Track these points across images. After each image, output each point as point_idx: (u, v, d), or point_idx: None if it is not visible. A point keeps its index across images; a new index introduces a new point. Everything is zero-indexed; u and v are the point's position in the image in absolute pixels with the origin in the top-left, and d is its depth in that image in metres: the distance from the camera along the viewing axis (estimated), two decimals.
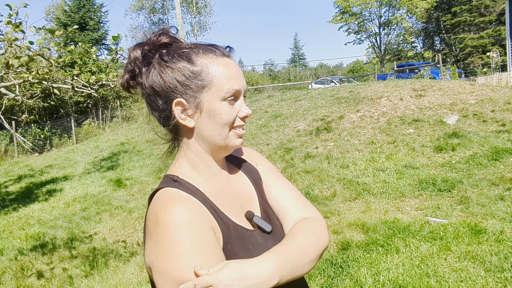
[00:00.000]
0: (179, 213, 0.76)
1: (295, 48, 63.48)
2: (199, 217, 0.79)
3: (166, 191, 0.86)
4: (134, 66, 0.90)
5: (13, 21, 3.30)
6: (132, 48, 0.91)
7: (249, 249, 0.86)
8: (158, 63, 0.88)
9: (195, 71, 0.86)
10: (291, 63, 59.51)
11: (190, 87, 0.86)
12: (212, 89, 0.87)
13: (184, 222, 0.75)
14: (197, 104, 0.87)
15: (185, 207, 0.78)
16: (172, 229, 0.74)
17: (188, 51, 0.88)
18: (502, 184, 5.10)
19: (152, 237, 0.78)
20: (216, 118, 0.88)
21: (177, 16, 17.87)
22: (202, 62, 0.87)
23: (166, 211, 0.77)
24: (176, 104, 0.87)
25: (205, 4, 42.31)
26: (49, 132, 18.61)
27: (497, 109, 8.07)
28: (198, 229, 0.76)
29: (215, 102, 0.87)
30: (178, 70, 0.86)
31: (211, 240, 0.77)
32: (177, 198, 0.82)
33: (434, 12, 31.98)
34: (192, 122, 0.88)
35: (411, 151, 6.93)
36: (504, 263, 3.29)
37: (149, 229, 0.80)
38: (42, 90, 3.73)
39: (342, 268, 3.62)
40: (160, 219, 0.77)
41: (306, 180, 6.51)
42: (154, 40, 0.90)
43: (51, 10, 36.31)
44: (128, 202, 7.02)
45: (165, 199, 0.82)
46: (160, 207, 0.80)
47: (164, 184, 0.89)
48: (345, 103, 10.21)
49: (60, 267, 4.69)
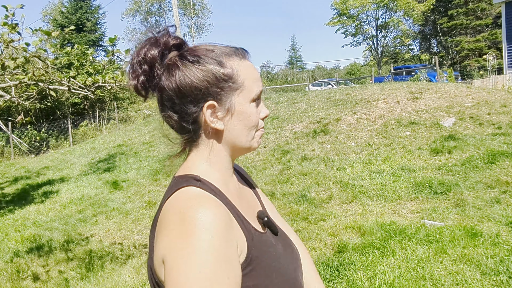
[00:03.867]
0: (208, 214, 0.73)
1: (293, 50, 63.55)
2: (226, 221, 0.75)
3: (190, 190, 0.81)
4: (152, 67, 0.84)
5: (9, 22, 3.29)
6: (145, 46, 0.85)
7: (269, 251, 0.85)
8: (183, 64, 0.84)
9: (226, 74, 0.85)
10: (288, 65, 59.56)
11: (222, 89, 0.84)
12: (244, 91, 0.87)
13: (212, 224, 0.72)
14: (228, 107, 0.86)
15: (214, 209, 0.75)
16: (201, 229, 0.70)
17: (214, 52, 0.86)
18: (498, 187, 5.12)
19: (174, 232, 0.73)
20: (246, 120, 0.88)
21: (174, 18, 17.88)
22: (232, 64, 0.86)
23: (195, 209, 0.73)
24: (208, 107, 0.84)
25: (202, 6, 42.36)
26: (46, 133, 18.56)
27: (494, 112, 8.10)
28: (224, 234, 0.73)
29: (246, 104, 0.87)
30: (209, 71, 0.83)
31: (232, 251, 0.74)
32: (205, 198, 0.78)
33: (431, 15, 32.12)
34: (222, 125, 0.86)
35: (408, 153, 6.94)
36: (500, 266, 3.30)
37: (169, 225, 0.74)
38: (38, 92, 3.72)
39: (338, 271, 3.62)
40: (188, 217, 0.72)
41: (303, 183, 6.52)
42: (165, 40, 0.85)
43: (48, 11, 36.28)
44: (124, 204, 7.00)
45: (191, 197, 0.77)
46: (187, 205, 0.75)
47: (185, 183, 0.83)
48: (342, 105, 10.22)
49: (56, 270, 4.66)
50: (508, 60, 16.19)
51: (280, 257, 0.88)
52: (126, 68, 1.01)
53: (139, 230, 5.72)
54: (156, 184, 7.92)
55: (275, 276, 0.83)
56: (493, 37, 27.42)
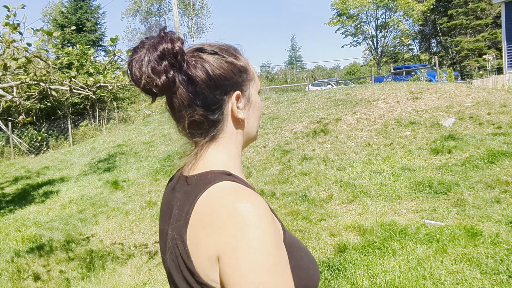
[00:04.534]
0: (255, 207, 0.72)
1: (292, 50, 63.55)
2: (269, 211, 0.76)
3: (227, 184, 0.79)
4: (179, 61, 0.80)
5: (10, 22, 3.29)
6: (170, 40, 0.80)
7: (290, 234, 0.87)
8: (208, 57, 0.84)
9: (243, 66, 0.90)
10: (288, 65, 59.56)
11: (244, 80, 0.90)
12: (255, 83, 0.94)
13: (262, 215, 0.72)
14: (248, 97, 0.91)
15: (257, 201, 0.74)
16: (253, 221, 0.70)
17: (228, 47, 0.91)
18: (498, 186, 5.13)
19: (225, 229, 0.71)
20: (257, 110, 0.95)
21: (174, 18, 17.89)
22: (242, 58, 0.92)
23: (241, 203, 0.72)
24: (236, 96, 0.88)
25: (202, 6, 42.35)
26: (46, 133, 18.55)
27: (493, 112, 8.11)
28: (273, 223, 0.74)
29: (256, 94, 0.94)
30: (231, 63, 0.87)
31: (280, 238, 0.77)
32: (245, 191, 0.77)
33: (431, 15, 32.12)
34: (244, 115, 0.90)
35: (408, 153, 6.95)
36: (500, 265, 3.31)
37: (216, 222, 0.72)
38: (40, 92, 3.73)
39: (339, 270, 3.63)
40: (236, 211, 0.71)
41: (303, 182, 6.52)
42: (173, 37, 0.82)
43: (48, 11, 36.27)
44: (125, 204, 7.00)
45: (232, 192, 0.76)
46: (231, 199, 0.74)
47: (217, 178, 0.80)
48: (342, 105, 10.23)
49: (56, 269, 4.67)
50: (508, 60, 16.20)
51: (298, 239, 0.91)
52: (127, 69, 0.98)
53: (139, 230, 5.73)
54: (157, 184, 7.92)
55: (304, 255, 0.86)
56: (492, 37, 27.44)
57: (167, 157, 9.66)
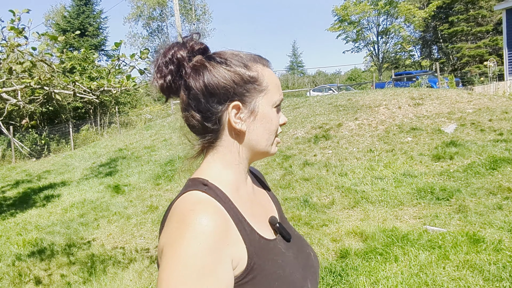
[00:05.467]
0: (204, 221, 0.74)
1: (294, 55, 63.77)
2: (220, 231, 0.76)
3: (196, 194, 0.83)
4: (180, 67, 0.86)
5: (16, 26, 3.31)
6: (174, 47, 0.87)
7: (274, 259, 0.85)
8: (211, 64, 0.86)
9: (253, 76, 0.87)
10: (289, 70, 59.72)
11: (248, 90, 0.87)
12: (268, 94, 0.90)
13: (205, 232, 0.73)
14: (252, 109, 0.88)
15: (211, 216, 0.76)
16: (192, 234, 0.73)
17: (241, 56, 0.89)
18: (500, 193, 5.13)
19: (171, 232, 0.76)
20: (267, 123, 0.90)
21: (176, 24, 17.96)
22: (256, 68, 0.89)
23: (193, 214, 0.75)
24: (233, 107, 0.86)
25: (203, 12, 42.54)
26: (47, 137, 18.58)
27: (495, 118, 8.12)
28: (214, 245, 0.74)
29: (268, 108, 0.90)
30: (235, 72, 0.86)
31: (219, 262, 0.74)
32: (206, 204, 0.80)
33: (432, 21, 32.23)
34: (245, 126, 0.88)
35: (409, 159, 6.95)
36: (503, 272, 3.30)
37: (170, 224, 0.78)
38: (43, 96, 3.75)
39: (341, 276, 3.62)
40: (185, 220, 0.75)
41: (304, 188, 6.52)
42: (192, 44, 0.87)
43: (51, 15, 36.47)
44: (126, 208, 7.00)
45: (194, 202, 0.80)
46: (188, 208, 0.78)
47: (193, 186, 0.85)
48: (343, 111, 10.25)
49: (58, 274, 4.67)
50: (509, 66, 16.23)
51: (287, 265, 0.87)
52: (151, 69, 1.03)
53: (141, 235, 5.72)
54: (158, 189, 7.92)
55: (278, 285, 0.82)
56: (493, 44, 27.50)
57: (169, 161, 9.66)
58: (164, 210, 6.51)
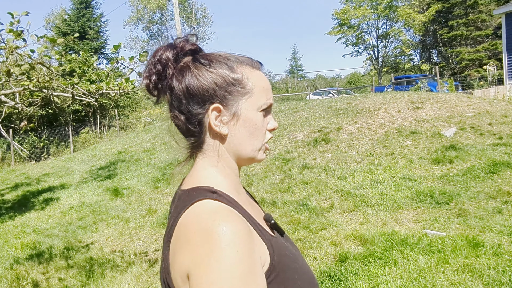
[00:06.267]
0: (231, 229, 0.71)
1: (293, 59, 63.87)
2: (248, 234, 0.75)
3: (209, 204, 0.79)
4: (165, 67, 0.87)
5: (14, 29, 3.31)
6: (161, 49, 0.88)
7: (287, 254, 0.85)
8: (194, 65, 0.86)
9: (236, 78, 0.86)
10: (289, 74, 59.82)
11: (230, 93, 0.85)
12: (252, 97, 0.87)
13: (236, 239, 0.71)
14: (234, 112, 0.86)
15: (235, 223, 0.74)
16: (226, 244, 0.70)
17: (227, 58, 0.87)
18: (499, 197, 5.11)
19: (199, 249, 0.71)
20: (251, 127, 0.87)
21: (176, 27, 17.98)
22: (242, 71, 0.87)
23: (218, 224, 0.72)
24: (213, 109, 0.85)
25: (203, 15, 42.61)
26: (47, 140, 18.57)
27: (494, 122, 8.12)
28: (248, 247, 0.73)
29: (253, 111, 0.87)
30: (218, 74, 0.85)
31: (256, 263, 0.74)
32: (225, 211, 0.77)
33: (431, 26, 32.26)
34: (227, 130, 0.86)
35: (409, 163, 6.94)
36: (502, 276, 3.28)
37: (192, 241, 0.73)
38: (42, 98, 3.74)
39: (340, 280, 3.60)
40: (211, 233, 0.71)
41: (304, 191, 6.51)
42: (183, 44, 0.88)
43: (51, 19, 36.50)
44: (125, 211, 6.98)
45: (212, 212, 0.76)
46: (209, 219, 0.74)
47: (201, 195, 0.81)
48: (343, 114, 10.24)
49: (56, 277, 4.65)
50: (508, 70, 16.25)
51: (297, 258, 0.88)
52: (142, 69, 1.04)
53: (139, 238, 5.70)
54: (157, 192, 7.91)
55: (298, 277, 0.83)
56: (493, 48, 27.52)
57: (168, 164, 9.65)
58: (163, 213, 6.49)
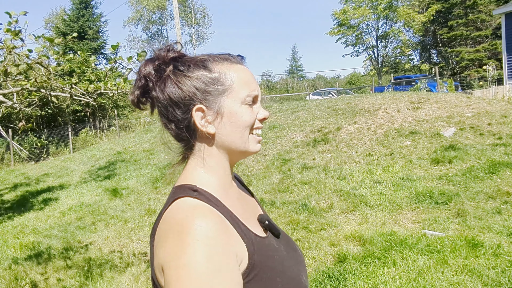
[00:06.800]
0: (204, 225, 0.73)
1: (293, 59, 63.83)
2: (222, 231, 0.76)
3: (187, 201, 0.82)
4: (147, 81, 0.90)
5: (12, 28, 3.30)
6: (143, 64, 0.90)
7: (271, 256, 0.86)
8: (174, 74, 0.88)
9: (214, 77, 0.88)
10: (289, 74, 59.78)
11: (209, 93, 0.87)
12: (232, 93, 0.88)
13: (208, 235, 0.73)
14: (217, 110, 0.88)
15: (210, 220, 0.75)
16: (197, 240, 0.72)
17: (203, 59, 0.89)
18: (499, 197, 5.11)
19: (172, 243, 0.74)
20: (237, 121, 0.89)
21: (175, 27, 17.98)
22: (219, 69, 0.89)
23: (191, 220, 0.74)
24: (196, 110, 0.87)
25: (203, 15, 42.64)
26: (46, 140, 18.56)
27: (494, 122, 8.11)
28: (220, 244, 0.74)
29: (236, 105, 0.88)
30: (196, 78, 0.87)
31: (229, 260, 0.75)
32: (201, 209, 0.79)
33: (431, 26, 32.26)
34: (213, 128, 0.88)
35: (408, 163, 6.93)
36: (502, 277, 3.28)
37: (167, 236, 0.76)
38: (40, 98, 3.73)
39: (339, 280, 3.59)
40: (184, 228, 0.73)
41: (303, 192, 6.50)
42: (164, 55, 0.89)
43: (51, 19, 36.52)
44: (124, 212, 6.97)
45: (188, 208, 0.79)
46: (184, 216, 0.76)
47: (183, 193, 0.84)
48: (342, 114, 10.24)
49: (54, 277, 4.64)
50: (508, 70, 16.25)
51: (284, 260, 0.88)
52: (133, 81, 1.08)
53: (138, 238, 5.69)
54: (156, 192, 7.90)
55: (280, 280, 0.83)
56: (493, 48, 27.52)
57: (167, 165, 9.63)
58: None
